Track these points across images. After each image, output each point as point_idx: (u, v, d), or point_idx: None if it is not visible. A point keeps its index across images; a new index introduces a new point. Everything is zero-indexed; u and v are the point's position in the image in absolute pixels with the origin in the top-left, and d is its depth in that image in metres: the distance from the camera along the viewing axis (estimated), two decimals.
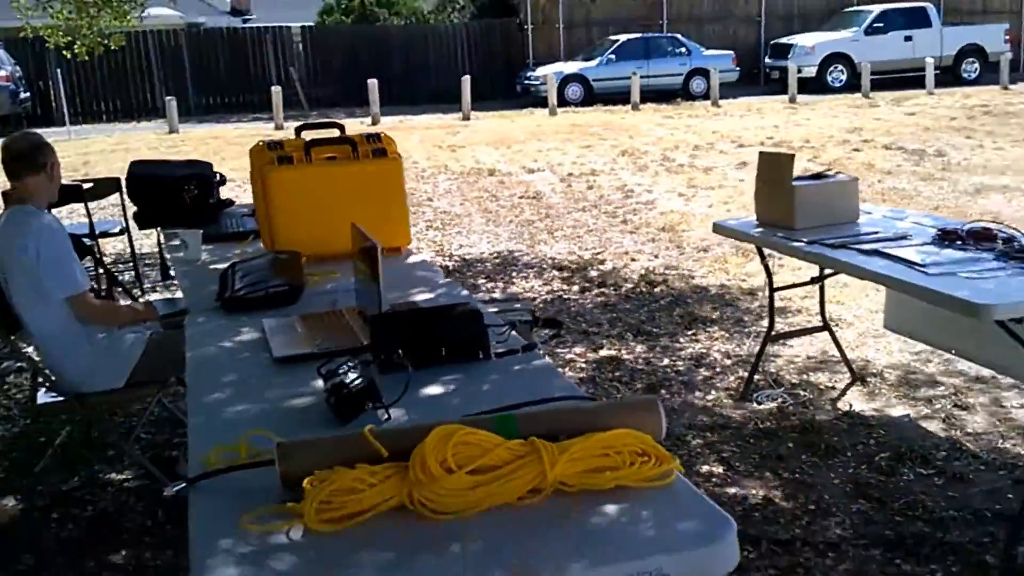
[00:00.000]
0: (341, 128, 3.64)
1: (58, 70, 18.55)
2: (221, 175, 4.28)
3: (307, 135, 3.48)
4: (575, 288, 6.19)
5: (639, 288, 6.09)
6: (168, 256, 4.78)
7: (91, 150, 14.86)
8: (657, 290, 6.02)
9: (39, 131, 3.86)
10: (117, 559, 3.14)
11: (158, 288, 6.60)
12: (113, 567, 3.09)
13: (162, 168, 4.35)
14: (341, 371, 2.04)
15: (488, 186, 10.32)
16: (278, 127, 17.52)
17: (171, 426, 4.17)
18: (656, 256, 6.89)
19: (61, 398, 3.41)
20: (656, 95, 20.02)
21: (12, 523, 3.44)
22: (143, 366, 3.38)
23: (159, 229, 4.27)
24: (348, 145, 3.48)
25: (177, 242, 3.84)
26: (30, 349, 3.62)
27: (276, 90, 18.26)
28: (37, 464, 3.83)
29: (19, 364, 5.04)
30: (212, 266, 3.48)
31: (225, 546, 1.46)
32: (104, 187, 6.09)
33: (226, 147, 14.46)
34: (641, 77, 19.62)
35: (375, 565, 1.41)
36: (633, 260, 6.82)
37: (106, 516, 3.44)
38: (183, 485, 1.67)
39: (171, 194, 4.10)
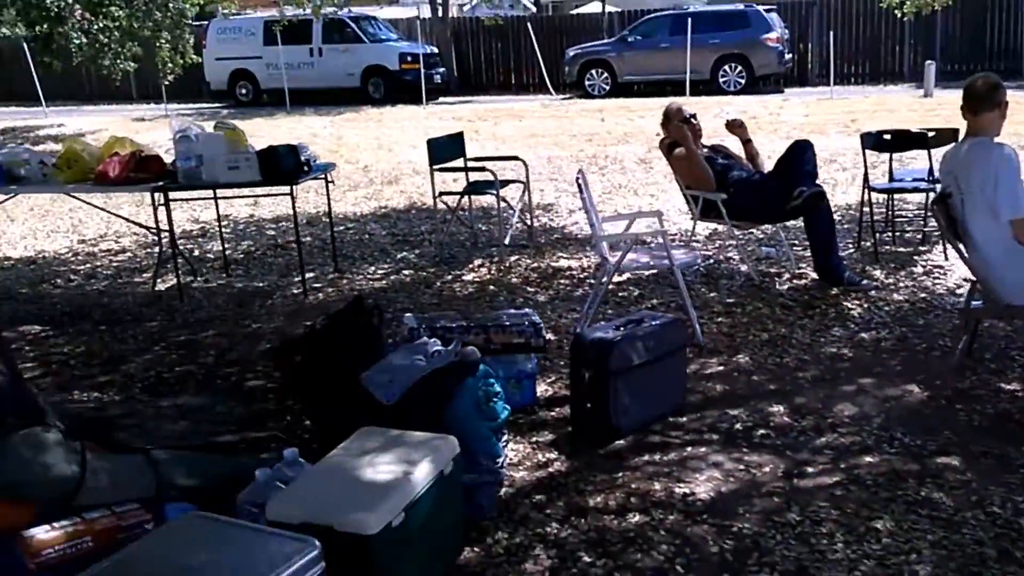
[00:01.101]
0: None
1: (831, 32, 19.82)
2: None
3: None
4: None
5: None
6: None
7: (854, 109, 15.67)
8: None
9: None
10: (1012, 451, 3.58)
11: None
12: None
13: None
14: None
15: None
16: None
17: None
18: None
19: (982, 303, 3.93)
20: None
21: (921, 407, 4.06)
22: None
23: None
24: None
25: None
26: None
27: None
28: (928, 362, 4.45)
29: (874, 284, 5.71)
30: None
31: None
32: (942, 137, 6.56)
33: None
34: None
35: None
36: None
37: (1007, 416, 3.90)
38: None
39: None
